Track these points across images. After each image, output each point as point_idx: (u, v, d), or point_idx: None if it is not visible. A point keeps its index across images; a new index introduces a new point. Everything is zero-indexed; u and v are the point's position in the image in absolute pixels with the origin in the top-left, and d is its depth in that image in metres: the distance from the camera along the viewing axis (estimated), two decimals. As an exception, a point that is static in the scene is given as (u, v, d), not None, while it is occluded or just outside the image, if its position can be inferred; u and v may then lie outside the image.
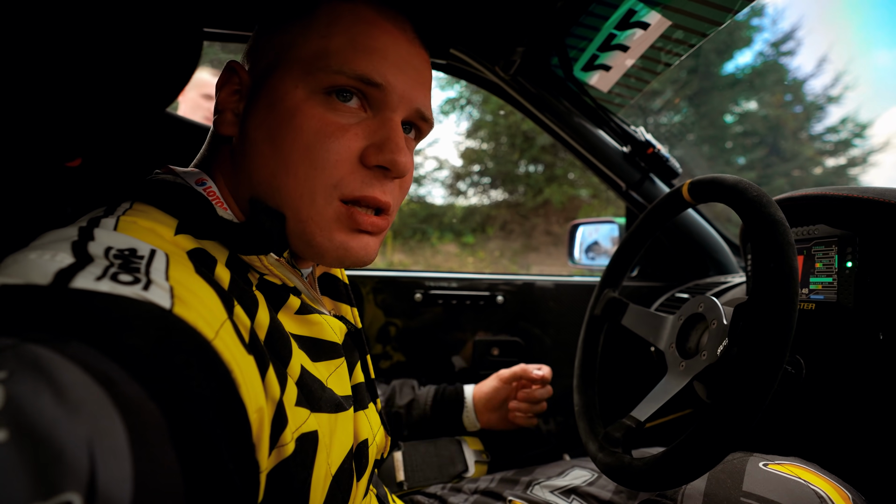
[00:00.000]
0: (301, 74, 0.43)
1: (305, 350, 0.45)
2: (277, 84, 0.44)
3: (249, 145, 0.45)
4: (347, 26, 0.44)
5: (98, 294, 0.27)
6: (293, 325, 0.45)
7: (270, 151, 0.43)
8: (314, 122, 0.43)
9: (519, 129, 8.03)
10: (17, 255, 0.30)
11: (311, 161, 0.43)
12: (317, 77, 0.43)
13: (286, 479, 0.37)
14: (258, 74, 0.46)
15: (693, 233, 1.16)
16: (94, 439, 0.21)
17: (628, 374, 1.18)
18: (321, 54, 0.43)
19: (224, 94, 0.47)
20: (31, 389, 0.21)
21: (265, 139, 0.44)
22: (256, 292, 0.41)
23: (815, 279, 0.66)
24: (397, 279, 1.14)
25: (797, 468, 0.53)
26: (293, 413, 0.38)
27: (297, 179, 0.43)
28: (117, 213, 0.38)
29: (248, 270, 0.43)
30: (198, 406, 0.27)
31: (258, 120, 0.44)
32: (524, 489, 0.74)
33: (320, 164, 0.43)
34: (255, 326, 0.38)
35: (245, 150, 0.45)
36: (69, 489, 0.20)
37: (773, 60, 8.35)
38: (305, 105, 0.43)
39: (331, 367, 0.48)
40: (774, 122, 8.14)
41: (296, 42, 0.45)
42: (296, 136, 0.43)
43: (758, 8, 8.02)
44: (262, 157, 0.44)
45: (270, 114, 0.44)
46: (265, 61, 0.46)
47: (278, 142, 0.43)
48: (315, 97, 0.43)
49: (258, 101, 0.45)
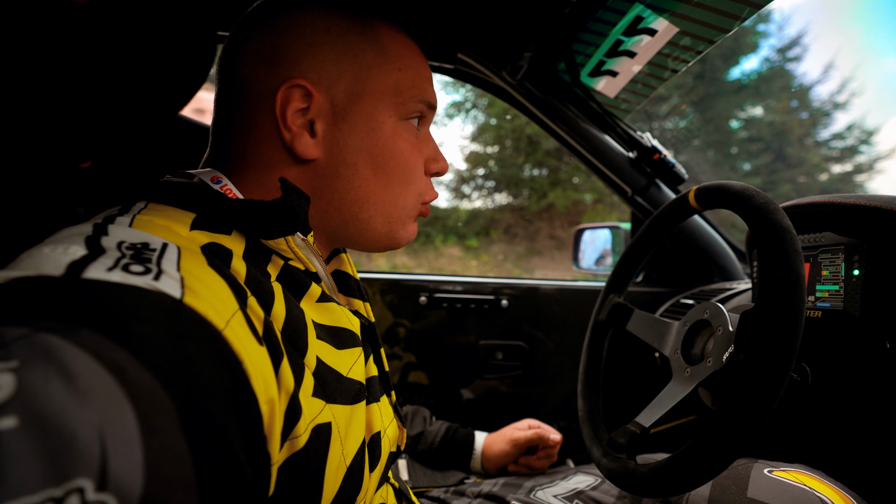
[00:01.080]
0: (391, 104, 0.49)
1: (329, 339, 0.45)
2: (373, 112, 0.48)
3: (346, 168, 0.48)
4: (411, 59, 0.51)
5: (109, 284, 0.27)
6: (315, 313, 0.45)
7: (372, 174, 0.49)
8: (408, 145, 0.50)
9: (524, 133, 8.04)
10: (31, 251, 0.30)
11: (406, 179, 0.51)
12: (406, 107, 0.49)
13: (298, 471, 0.37)
14: (338, 97, 0.47)
15: (698, 239, 1.16)
16: (104, 426, 0.21)
17: (633, 379, 1.18)
18: (403, 86, 0.49)
19: (290, 113, 0.45)
20: (42, 377, 0.21)
21: (367, 163, 0.48)
22: (275, 284, 0.41)
23: (821, 287, 0.66)
24: (402, 282, 1.15)
25: (802, 475, 0.53)
26: (309, 404, 0.38)
27: (395, 195, 0.50)
28: (133, 212, 0.38)
29: (267, 262, 0.43)
30: (208, 395, 0.27)
31: (356, 143, 0.48)
32: (527, 493, 0.74)
33: (412, 180, 0.51)
34: (270, 318, 0.38)
35: (339, 172, 0.48)
36: (81, 475, 0.20)
37: (780, 66, 8.33)
38: (398, 130, 0.50)
39: (353, 355, 0.48)
40: (780, 127, 8.11)
41: (374, 71, 0.48)
42: (397, 160, 0.49)
43: (764, 14, 8.01)
44: (363, 178, 0.48)
45: (371, 140, 0.48)
46: (343, 83, 0.47)
47: (381, 164, 0.49)
48: (402, 123, 0.50)
49: (351, 125, 0.47)
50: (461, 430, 0.95)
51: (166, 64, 0.43)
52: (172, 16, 0.44)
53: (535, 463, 0.89)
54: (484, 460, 0.92)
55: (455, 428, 0.96)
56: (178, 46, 0.44)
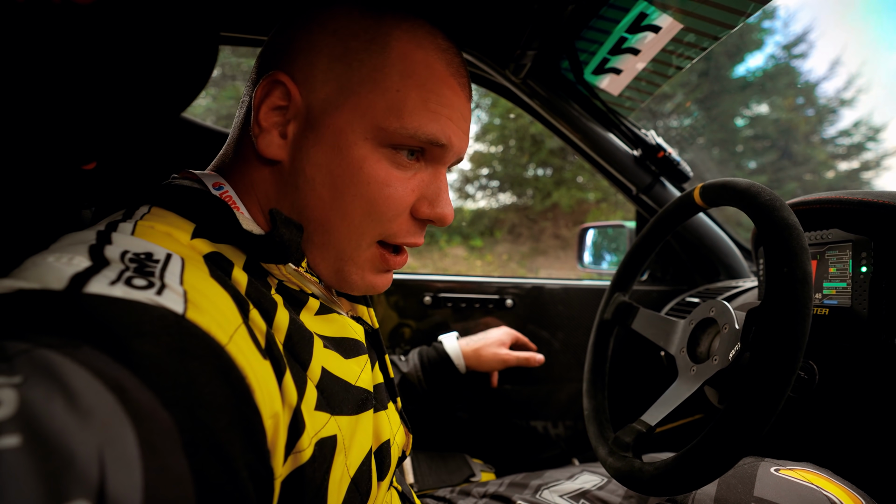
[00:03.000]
0: (372, 128, 0.43)
1: (334, 348, 0.45)
2: (346, 129, 0.43)
3: (304, 181, 0.44)
4: (421, 81, 0.44)
5: (111, 299, 0.27)
6: (316, 325, 0.45)
7: (329, 196, 0.44)
8: (381, 175, 0.44)
9: (528, 133, 8.03)
10: (36, 258, 0.30)
11: (369, 213, 0.44)
12: (390, 135, 0.43)
13: (302, 485, 0.36)
14: (316, 103, 0.44)
15: (704, 237, 1.15)
16: (104, 446, 0.21)
17: (638, 378, 1.17)
18: (396, 111, 0.43)
19: (266, 108, 0.44)
20: (43, 395, 0.21)
21: (325, 183, 0.44)
22: (275, 295, 0.41)
23: (828, 284, 0.66)
24: (407, 282, 1.15)
25: (809, 473, 0.52)
26: (312, 418, 0.38)
27: (352, 226, 0.45)
28: (135, 218, 0.38)
29: (266, 274, 0.43)
30: (211, 413, 0.27)
31: (319, 159, 0.44)
32: (533, 493, 0.74)
33: (377, 216, 0.45)
34: (272, 330, 0.38)
35: (297, 183, 0.44)
36: (78, 496, 0.20)
37: (785, 63, 8.27)
38: (373, 158, 0.44)
39: (361, 362, 0.48)
40: (786, 125, 8.06)
41: (365, 85, 0.43)
42: (361, 188, 0.43)
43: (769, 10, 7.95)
44: (319, 198, 0.44)
45: (335, 159, 0.43)
46: (325, 90, 0.44)
47: (340, 188, 0.43)
48: (382, 150, 0.44)
49: (319, 137, 0.44)
50: (427, 350, 0.99)
51: (169, 64, 0.43)
52: (176, 16, 0.44)
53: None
54: (468, 365, 0.98)
55: (423, 349, 1.00)
56: (181, 47, 0.44)
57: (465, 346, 0.99)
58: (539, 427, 1.19)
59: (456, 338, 1.02)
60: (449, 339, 1.01)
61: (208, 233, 0.39)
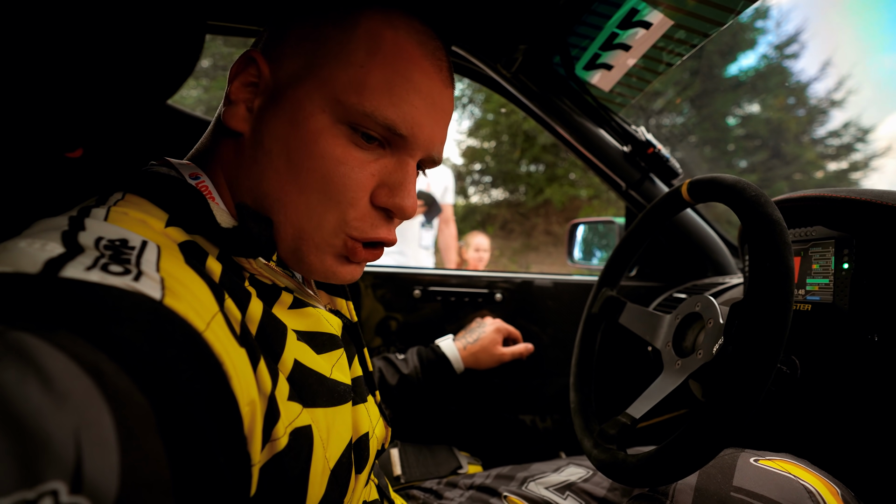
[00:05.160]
0: (331, 101, 0.43)
1: (307, 342, 0.45)
2: (304, 100, 0.43)
3: (262, 153, 0.44)
4: (388, 60, 0.43)
5: (88, 284, 0.27)
6: (289, 319, 0.45)
7: (285, 168, 0.43)
8: (337, 152, 0.43)
9: (520, 129, 8.03)
10: (6, 244, 0.29)
11: (326, 191, 0.43)
12: (347, 110, 0.42)
13: (280, 473, 0.37)
14: (282, 78, 0.44)
15: (692, 233, 1.16)
16: (80, 429, 0.21)
17: (625, 372, 1.18)
18: (356, 87, 0.42)
19: (238, 84, 0.45)
20: (17, 377, 0.21)
21: (281, 154, 0.43)
22: (249, 286, 0.41)
23: (811, 280, 0.67)
24: (396, 275, 1.15)
25: (787, 464, 0.53)
26: (285, 407, 0.38)
27: (309, 204, 0.43)
28: (108, 204, 0.38)
29: (240, 266, 0.43)
30: (188, 398, 0.27)
31: (277, 131, 0.43)
32: (519, 485, 0.74)
33: (334, 196, 0.43)
34: (245, 320, 0.38)
35: (256, 155, 0.44)
36: (54, 478, 0.20)
37: (777, 63, 8.35)
38: (330, 133, 0.43)
39: (332, 358, 0.48)
40: (776, 125, 8.14)
41: (329, 59, 0.43)
42: (315, 162, 0.43)
43: (762, 10, 8.01)
44: (275, 171, 0.43)
45: (292, 130, 0.43)
46: (292, 66, 0.44)
47: (295, 161, 0.43)
48: (340, 126, 0.43)
49: (278, 108, 0.44)
50: (426, 351, 0.99)
51: (155, 51, 0.43)
52: (162, 4, 0.43)
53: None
54: (465, 366, 0.99)
55: (422, 351, 0.99)
56: (166, 33, 0.43)
57: (462, 349, 0.99)
58: (527, 420, 1.20)
59: (452, 339, 1.01)
60: (446, 342, 1.00)
61: (181, 223, 0.39)
